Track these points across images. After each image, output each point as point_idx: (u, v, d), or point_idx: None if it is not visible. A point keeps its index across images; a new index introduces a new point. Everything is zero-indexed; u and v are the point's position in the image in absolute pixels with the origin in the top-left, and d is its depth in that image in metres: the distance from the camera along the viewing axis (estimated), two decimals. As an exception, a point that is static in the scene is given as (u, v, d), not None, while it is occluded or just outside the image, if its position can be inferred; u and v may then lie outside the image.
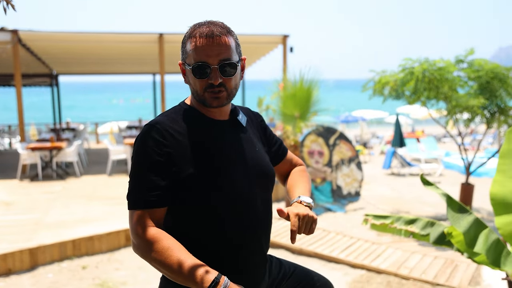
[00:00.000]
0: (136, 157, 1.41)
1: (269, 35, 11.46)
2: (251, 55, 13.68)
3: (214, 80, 1.45)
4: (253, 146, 1.61)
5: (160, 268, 1.37)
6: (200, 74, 1.44)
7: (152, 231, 1.37)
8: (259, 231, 1.55)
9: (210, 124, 1.52)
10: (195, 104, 1.53)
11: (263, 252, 1.60)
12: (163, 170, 1.38)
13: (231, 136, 1.56)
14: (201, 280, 1.31)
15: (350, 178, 8.40)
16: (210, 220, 1.45)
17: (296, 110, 6.80)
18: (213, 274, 1.33)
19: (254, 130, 1.68)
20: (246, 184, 1.52)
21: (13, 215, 6.81)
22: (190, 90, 1.52)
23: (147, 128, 1.43)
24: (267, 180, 1.61)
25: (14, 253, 5.30)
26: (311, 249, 5.73)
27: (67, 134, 12.46)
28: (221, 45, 1.44)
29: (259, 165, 1.59)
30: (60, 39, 10.63)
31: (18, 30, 9.73)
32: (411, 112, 19.83)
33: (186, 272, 1.32)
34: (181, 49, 1.51)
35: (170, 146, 1.40)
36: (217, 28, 1.45)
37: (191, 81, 1.49)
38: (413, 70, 6.21)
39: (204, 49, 1.43)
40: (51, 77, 15.61)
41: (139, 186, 1.39)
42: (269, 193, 1.64)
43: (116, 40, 10.82)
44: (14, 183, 9.13)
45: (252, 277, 1.56)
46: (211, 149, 1.48)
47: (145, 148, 1.39)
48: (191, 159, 1.42)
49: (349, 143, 8.49)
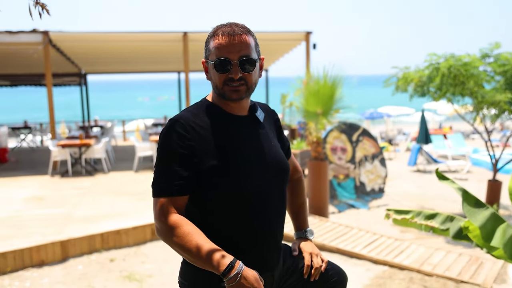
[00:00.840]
0: (160, 149, 1.52)
1: (292, 32, 11.49)
2: (274, 52, 13.72)
3: (234, 75, 1.55)
4: (270, 141, 1.70)
5: (180, 251, 1.46)
6: (221, 69, 1.55)
7: (174, 217, 1.47)
8: (274, 220, 1.64)
9: (230, 119, 1.61)
10: (216, 100, 1.63)
11: (277, 241, 1.69)
12: (185, 162, 1.48)
13: (249, 131, 1.65)
14: (217, 263, 1.40)
15: (374, 174, 8.38)
16: (227, 209, 1.54)
17: (319, 107, 6.82)
18: (229, 259, 1.43)
19: (271, 126, 1.78)
20: (262, 177, 1.61)
21: (44, 209, 7.07)
22: (212, 85, 1.62)
23: (171, 122, 1.53)
24: (282, 174, 1.70)
25: (46, 245, 5.52)
26: (333, 245, 5.76)
27: (95, 132, 12.77)
28: (241, 42, 1.55)
29: (275, 159, 1.68)
30: (88, 39, 10.92)
31: (49, 32, 10.04)
32: (439, 108, 19.52)
33: (203, 256, 1.41)
34: (205, 48, 1.62)
35: (192, 140, 1.50)
36: (238, 28, 1.56)
37: (213, 76, 1.58)
38: (438, 66, 6.15)
39: (226, 46, 1.54)
40: (80, 76, 16.02)
41: (163, 176, 1.49)
42: (284, 186, 1.73)
43: (141, 40, 11.05)
44: (45, 179, 9.45)
45: (267, 264, 1.64)
46: (230, 143, 1.57)
47: (169, 141, 1.50)
48: (212, 151, 1.51)
49: (372, 139, 8.47)
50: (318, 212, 6.96)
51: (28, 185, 8.80)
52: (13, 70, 14.93)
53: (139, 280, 4.99)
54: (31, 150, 14.06)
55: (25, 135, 14.67)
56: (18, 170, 10.54)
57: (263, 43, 12.21)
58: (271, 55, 14.20)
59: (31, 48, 10.60)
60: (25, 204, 7.44)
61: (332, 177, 8.12)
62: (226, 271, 1.40)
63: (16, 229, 6.10)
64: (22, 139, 14.55)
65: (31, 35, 10.14)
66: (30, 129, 14.59)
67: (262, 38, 11.90)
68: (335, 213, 7.78)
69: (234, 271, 1.41)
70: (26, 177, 9.69)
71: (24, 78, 15.79)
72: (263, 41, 12.01)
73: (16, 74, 15.43)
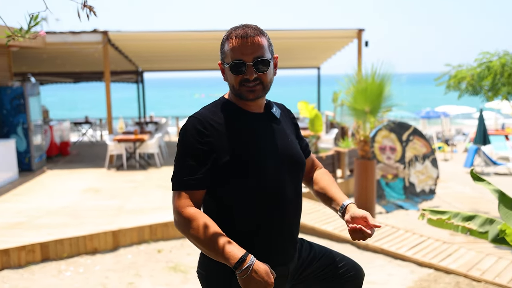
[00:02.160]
0: (180, 145, 1.61)
1: (343, 29, 11.36)
2: (326, 50, 13.62)
3: (249, 76, 1.61)
4: (286, 137, 1.76)
5: (196, 243, 1.54)
6: (236, 70, 1.61)
7: (191, 210, 1.54)
8: (289, 215, 1.69)
9: (247, 116, 1.68)
10: (233, 98, 1.69)
11: (292, 235, 1.73)
12: (203, 158, 1.56)
13: (266, 127, 1.71)
14: (230, 256, 1.47)
15: (424, 175, 8.15)
16: (244, 203, 1.60)
17: (367, 105, 6.73)
18: (241, 252, 1.49)
19: (288, 124, 1.83)
20: (278, 172, 1.66)
21: (100, 201, 7.45)
22: (229, 86, 1.68)
23: (191, 119, 1.62)
24: (298, 168, 1.75)
25: (99, 234, 5.83)
26: (377, 245, 5.69)
27: (150, 127, 13.24)
28: (254, 44, 1.60)
29: (291, 154, 1.73)
30: (145, 38, 11.34)
31: (108, 31, 10.53)
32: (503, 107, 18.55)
33: (217, 248, 1.48)
34: (220, 50, 1.69)
35: (210, 136, 1.57)
36: (251, 30, 1.61)
37: (229, 77, 1.65)
38: (490, 65, 5.90)
39: (240, 48, 1.59)
40: (137, 74, 16.64)
41: (182, 171, 1.58)
42: (300, 180, 1.77)
43: (196, 38, 11.34)
44: (102, 172, 9.94)
45: (282, 257, 1.68)
46: (247, 139, 1.63)
47: (188, 137, 1.58)
48: (229, 147, 1.58)
49: (423, 139, 8.23)
50: (364, 211, 6.87)
51: (86, 177, 9.30)
52: (76, 68, 15.76)
53: (184, 271, 5.17)
54: (91, 144, 14.79)
55: (86, 130, 15.44)
56: (78, 163, 11.14)
57: (314, 41, 12.17)
58: (323, 53, 14.10)
59: (92, 48, 11.16)
60: (82, 195, 7.88)
61: (380, 177, 7.98)
62: (237, 264, 1.46)
63: (72, 218, 6.49)
64: (83, 134, 15.33)
65: (92, 35, 10.68)
66: (91, 124, 15.34)
67: (313, 36, 11.86)
68: (382, 213, 7.65)
69: (246, 264, 1.46)
70: (84, 169, 10.24)
71: (86, 76, 16.63)
72: (314, 39, 11.97)
73: (79, 72, 16.28)
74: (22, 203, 7.37)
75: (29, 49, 10.54)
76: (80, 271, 5.34)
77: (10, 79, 10.25)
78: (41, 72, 15.80)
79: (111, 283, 4.88)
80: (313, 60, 15.37)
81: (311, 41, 12.20)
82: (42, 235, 5.80)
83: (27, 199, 7.63)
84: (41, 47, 10.36)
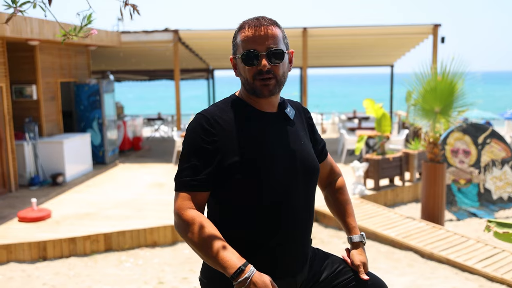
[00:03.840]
0: (185, 143, 1.51)
1: (418, 25, 10.82)
2: (400, 47, 13.07)
3: (263, 66, 1.49)
4: (299, 140, 1.62)
5: (193, 248, 1.45)
6: (249, 61, 1.50)
7: (192, 213, 1.45)
8: (297, 224, 1.55)
9: (258, 116, 1.56)
10: (245, 96, 1.58)
11: (300, 245, 1.58)
12: (208, 157, 1.46)
13: (278, 128, 1.58)
14: (228, 265, 1.37)
15: (503, 181, 7.52)
16: (249, 208, 1.48)
17: (436, 104, 6.32)
18: (240, 261, 1.37)
19: (302, 125, 1.69)
20: (287, 177, 1.53)
21: (163, 195, 7.66)
22: (241, 81, 1.57)
23: (198, 116, 1.52)
24: (311, 174, 1.61)
25: (159, 228, 5.98)
26: (443, 255, 5.32)
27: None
28: (268, 34, 1.50)
29: (303, 158, 1.59)
30: (215, 36, 11.51)
31: (178, 30, 10.81)
32: None
33: (215, 256, 1.38)
34: (232, 43, 1.58)
35: (217, 135, 1.47)
36: (265, 20, 1.51)
37: (241, 71, 1.54)
38: None
39: (253, 38, 1.49)
40: (207, 72, 16.98)
41: (186, 171, 1.48)
42: (312, 186, 1.63)
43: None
44: (169, 167, 10.23)
45: (287, 269, 1.55)
46: (256, 140, 1.52)
47: (194, 135, 1.49)
48: (236, 148, 1.47)
49: (503, 142, 7.60)
50: (430, 218, 6.48)
51: (154, 172, 9.61)
52: (150, 66, 16.38)
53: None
54: (162, 140, 15.31)
55: (158, 126, 16.01)
56: (148, 158, 11.56)
57: (387, 38, 11.70)
58: (396, 50, 13.54)
59: (163, 46, 11.52)
60: (147, 189, 8.15)
61: (451, 182, 7.48)
62: (235, 274, 1.36)
63: (136, 211, 6.72)
64: (155, 129, 15.91)
65: (163, 34, 11.02)
66: (163, 120, 15.88)
67: (386, 33, 11.40)
68: (453, 220, 7.17)
69: (244, 275, 1.36)
70: (153, 164, 10.60)
71: (160, 74, 17.24)
72: (387, 36, 11.50)
73: (152, 70, 16.92)
74: (93, 195, 7.76)
75: (106, 48, 11.09)
76: (139, 263, 5.50)
77: (88, 77, 10.86)
78: (118, 70, 16.60)
79: (166, 277, 4.97)
80: (386, 57, 14.81)
81: (383, 38, 11.75)
82: (107, 226, 6.05)
83: (98, 191, 8.02)
84: (117, 46, 10.86)
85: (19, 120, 8.40)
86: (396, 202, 7.99)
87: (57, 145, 8.48)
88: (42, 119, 8.74)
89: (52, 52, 9.13)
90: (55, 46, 9.17)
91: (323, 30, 11.06)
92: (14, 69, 8.32)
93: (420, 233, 5.98)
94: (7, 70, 7.88)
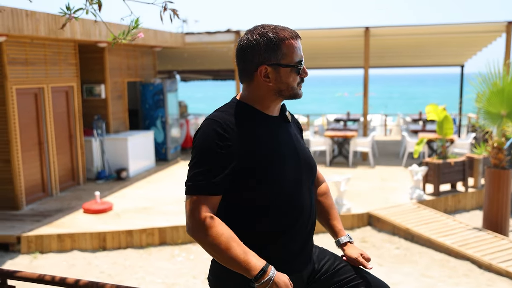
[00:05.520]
0: (198, 148, 1.53)
1: (490, 23, 10.23)
2: (470, 46, 12.45)
3: (306, 74, 1.60)
4: (299, 141, 1.68)
5: (211, 251, 1.47)
6: (301, 70, 1.57)
7: (207, 216, 1.47)
8: (305, 220, 1.60)
9: (265, 119, 1.60)
10: (250, 100, 1.60)
11: (308, 241, 1.64)
12: (222, 161, 1.49)
13: (283, 130, 1.63)
14: (250, 268, 1.40)
15: None
16: (261, 208, 1.52)
17: (503, 108, 5.96)
18: (262, 263, 1.42)
19: (296, 128, 1.75)
20: (297, 176, 1.59)
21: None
22: (279, 87, 1.57)
23: (209, 122, 1.54)
24: (313, 172, 1.68)
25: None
26: (503, 267, 5.02)
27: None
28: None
29: (307, 158, 1.66)
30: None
31: (240, 31, 10.99)
32: None
33: (235, 259, 1.42)
34: (271, 51, 1.54)
35: (231, 140, 1.50)
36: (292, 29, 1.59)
37: (286, 79, 1.55)
38: None
39: (299, 47, 1.57)
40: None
41: (199, 175, 1.50)
42: (312, 184, 1.69)
43: (324, 36, 11.24)
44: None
45: (296, 264, 1.60)
46: (267, 143, 1.55)
47: (207, 140, 1.51)
48: (249, 151, 1.51)
49: None
50: (493, 227, 6.12)
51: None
52: (214, 66, 16.78)
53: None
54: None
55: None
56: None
57: (456, 37, 11.17)
58: (467, 49, 12.89)
59: (226, 46, 11.77)
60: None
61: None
62: (258, 275, 1.40)
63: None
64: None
65: (225, 35, 11.25)
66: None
67: (455, 31, 10.89)
68: (519, 231, 6.73)
69: (267, 276, 1.40)
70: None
71: (223, 74, 17.60)
72: (456, 34, 10.99)
73: (216, 70, 17.31)
74: (153, 190, 8.10)
75: (170, 49, 11.52)
76: (190, 258, 5.69)
77: (154, 77, 11.33)
78: (184, 70, 17.16)
79: (214, 273, 5.10)
80: (455, 57, 14.13)
81: (452, 37, 11.24)
82: (162, 221, 6.31)
83: (157, 187, 8.36)
84: (181, 47, 11.24)
85: (88, 118, 8.94)
86: (458, 209, 7.63)
87: (122, 142, 8.93)
88: (109, 117, 9.25)
89: (119, 53, 9.63)
90: (122, 48, 9.66)
91: (387, 29, 10.77)
92: (85, 70, 8.88)
93: (479, 242, 5.68)
94: (78, 71, 8.43)
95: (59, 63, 7.95)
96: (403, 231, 6.24)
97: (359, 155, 11.24)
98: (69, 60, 8.19)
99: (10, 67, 6.78)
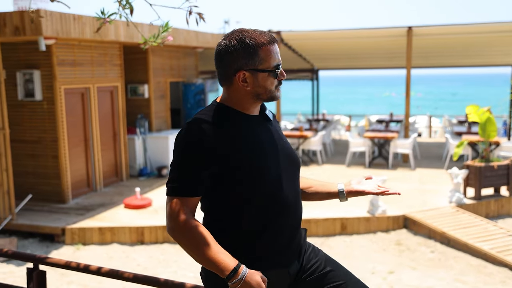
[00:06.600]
0: (178, 150, 1.58)
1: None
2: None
3: (284, 76, 1.64)
4: (282, 138, 1.72)
5: (188, 251, 1.54)
6: (278, 74, 1.62)
7: (185, 218, 1.52)
8: (291, 216, 1.64)
9: (246, 120, 1.64)
10: (230, 102, 1.65)
11: (295, 236, 1.67)
12: (202, 163, 1.54)
13: (264, 129, 1.67)
14: (223, 268, 1.47)
15: None
16: (251, 206, 1.58)
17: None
18: (234, 263, 1.48)
19: (278, 125, 1.79)
20: (283, 173, 1.62)
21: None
22: (257, 91, 1.62)
23: (190, 125, 1.59)
24: (297, 169, 1.72)
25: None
26: (543, 275, 4.83)
27: (319, 125, 13.45)
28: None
29: (290, 154, 1.70)
30: (316, 37, 11.57)
31: (280, 32, 11.06)
32: None
33: (209, 259, 1.49)
34: (248, 57, 1.58)
35: (211, 141, 1.54)
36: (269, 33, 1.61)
37: (264, 83, 1.60)
38: None
39: (277, 52, 1.61)
40: (312, 72, 17.04)
41: (179, 177, 1.56)
42: (298, 179, 1.72)
43: (367, 36, 11.13)
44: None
45: (283, 258, 1.64)
46: (248, 142, 1.60)
47: (187, 143, 1.56)
48: (231, 151, 1.56)
49: None
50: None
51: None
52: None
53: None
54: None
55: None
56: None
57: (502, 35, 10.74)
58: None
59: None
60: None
61: None
62: (230, 275, 1.47)
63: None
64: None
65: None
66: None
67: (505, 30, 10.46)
68: None
69: (238, 276, 1.47)
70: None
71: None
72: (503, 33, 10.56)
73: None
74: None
75: (212, 49, 11.73)
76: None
77: (196, 77, 11.59)
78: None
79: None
80: (505, 56, 13.59)
81: (502, 36, 10.83)
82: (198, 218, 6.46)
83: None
84: (222, 48, 11.42)
85: (132, 116, 9.29)
86: (501, 214, 7.37)
87: (164, 140, 9.22)
88: (152, 116, 9.56)
89: (162, 54, 9.93)
90: (165, 49, 9.96)
91: (431, 29, 10.53)
92: (129, 70, 9.23)
93: (518, 249, 5.48)
94: (122, 71, 8.78)
95: (105, 64, 8.31)
96: (439, 234, 6.11)
97: (400, 157, 11.04)
98: (114, 61, 8.54)
99: (59, 68, 7.17)
